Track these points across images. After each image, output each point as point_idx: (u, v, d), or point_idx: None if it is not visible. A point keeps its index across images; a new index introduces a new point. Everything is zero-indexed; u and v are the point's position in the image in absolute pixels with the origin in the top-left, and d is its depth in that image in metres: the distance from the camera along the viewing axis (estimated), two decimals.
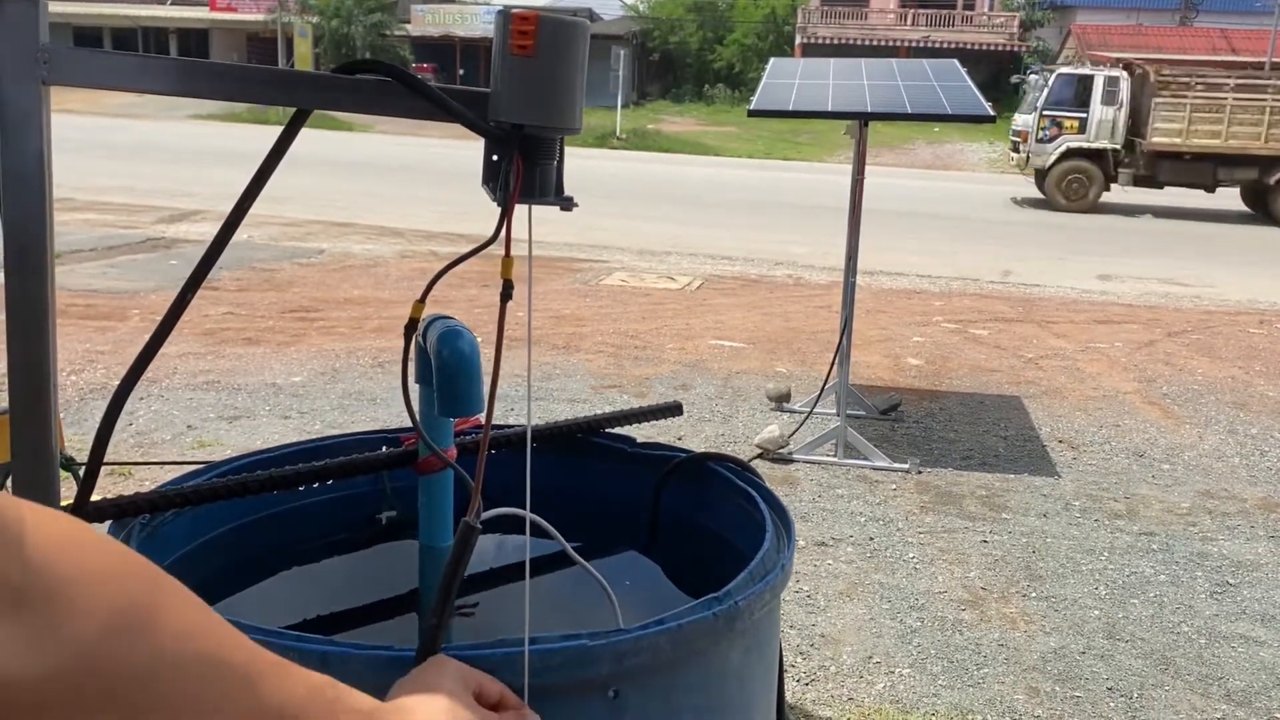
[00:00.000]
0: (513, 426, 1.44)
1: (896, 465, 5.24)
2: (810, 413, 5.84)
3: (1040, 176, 20.34)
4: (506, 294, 0.86)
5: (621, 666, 0.95)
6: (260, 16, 42.74)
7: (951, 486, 5.04)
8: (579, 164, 22.43)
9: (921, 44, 36.58)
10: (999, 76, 34.49)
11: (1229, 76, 20.11)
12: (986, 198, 21.91)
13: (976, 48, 37.06)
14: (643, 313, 8.87)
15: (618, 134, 30.76)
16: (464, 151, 25.24)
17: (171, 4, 46.42)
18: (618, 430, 1.48)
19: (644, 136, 31.62)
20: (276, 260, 10.76)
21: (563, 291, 9.63)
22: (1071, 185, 19.66)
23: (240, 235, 12.43)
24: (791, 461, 5.25)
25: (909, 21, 40.94)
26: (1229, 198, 20.84)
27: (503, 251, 0.87)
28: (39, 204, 0.87)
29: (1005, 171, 29.71)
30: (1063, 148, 19.46)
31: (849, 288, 5.51)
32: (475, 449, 1.44)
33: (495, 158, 0.90)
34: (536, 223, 0.91)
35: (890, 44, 37.22)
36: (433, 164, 22.22)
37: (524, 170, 0.86)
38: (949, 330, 8.86)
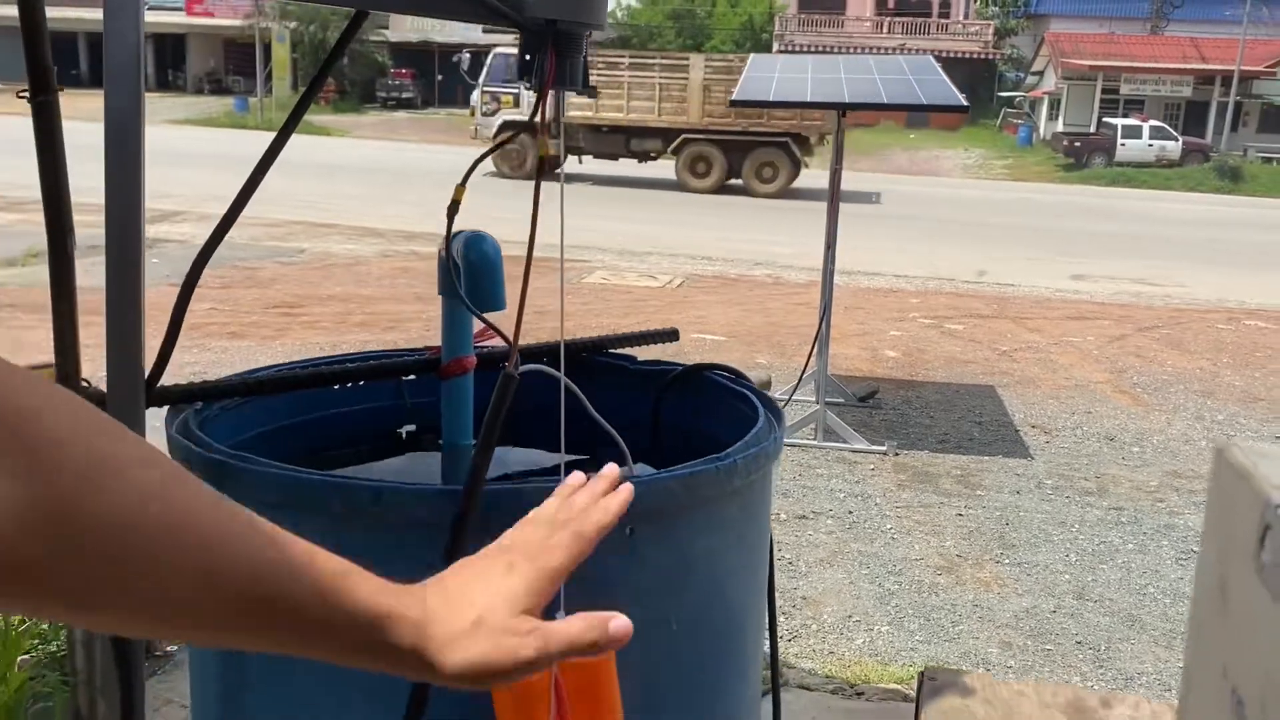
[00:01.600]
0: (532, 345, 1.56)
1: (874, 447, 5.38)
2: (789, 399, 5.96)
3: None
4: (542, 168, 0.98)
5: (637, 506, 1.06)
6: (237, 22, 42.63)
7: (928, 467, 5.18)
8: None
9: (897, 52, 36.91)
10: (974, 84, 34.86)
11: (623, 56, 21.76)
12: (961, 201, 22.16)
13: (952, 55, 37.44)
14: (625, 308, 8.99)
15: None
16: (444, 155, 25.30)
17: (148, 9, 46.18)
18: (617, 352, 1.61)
19: None
20: (258, 259, 10.82)
21: (545, 289, 9.59)
22: (512, 155, 21.01)
23: None
24: None
25: (885, 29, 41.34)
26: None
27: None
28: (135, 91, 0.99)
29: (981, 177, 30.07)
30: (500, 120, 20.82)
31: (828, 274, 5.64)
32: (497, 359, 1.56)
33: (528, 56, 1.02)
34: (515, 222, 1.03)
35: (866, 51, 37.54)
36: (412, 166, 22.28)
37: (556, 62, 0.98)
38: (925, 325, 9.02)
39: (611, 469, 0.82)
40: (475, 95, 21.83)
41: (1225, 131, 34.43)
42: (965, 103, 5.02)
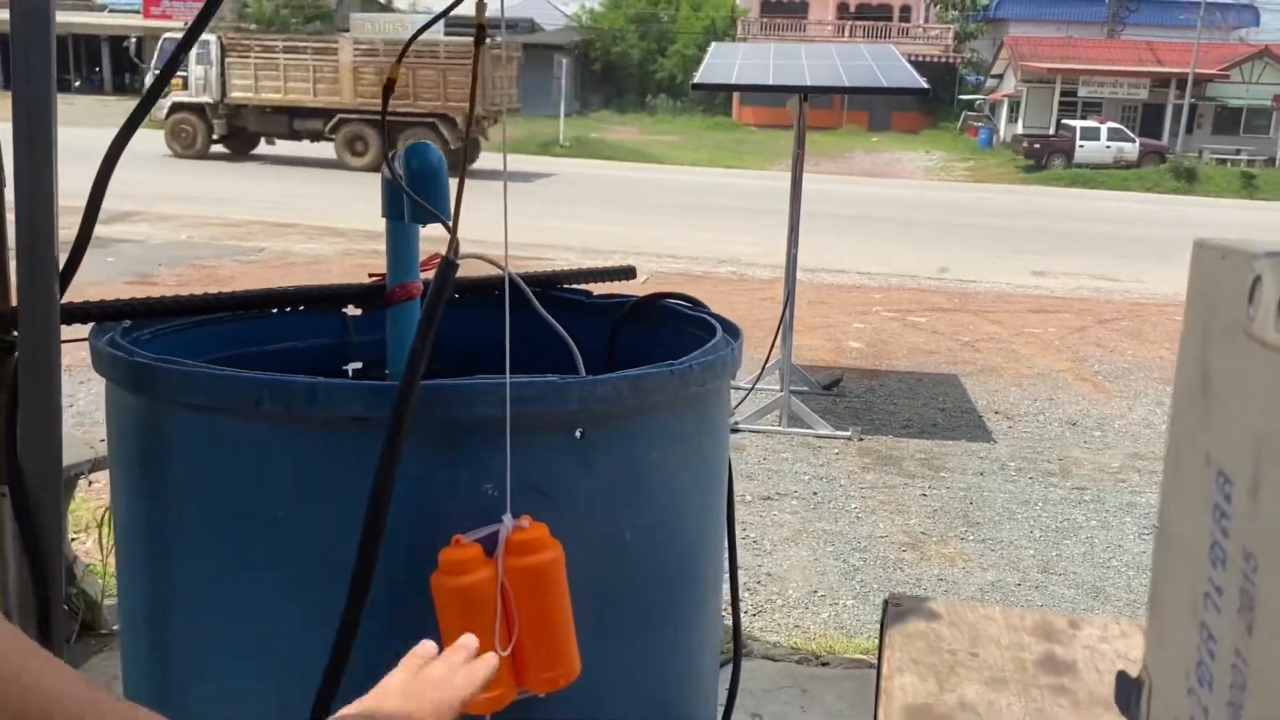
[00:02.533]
0: (480, 277, 1.51)
1: (839, 432, 5.36)
2: (753, 388, 5.95)
3: None
4: (480, 37, 0.94)
5: (588, 408, 1.02)
6: None
7: (892, 451, 5.17)
8: (521, 168, 22.52)
9: None
10: (935, 87, 35.05)
11: (278, 38, 22.80)
12: (922, 202, 22.33)
13: (913, 59, 37.76)
14: None
15: (561, 141, 30.84)
16: None
17: (106, 11, 45.66)
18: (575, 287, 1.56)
19: (587, 144, 31.70)
20: (216, 257, 10.68)
21: None
22: (182, 135, 21.89)
23: (179, 235, 12.27)
24: (737, 431, 5.35)
25: (846, 34, 41.63)
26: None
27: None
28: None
29: (942, 178, 30.32)
30: (171, 102, 21.63)
31: (791, 259, 5.63)
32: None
33: None
34: (476, 224, 1.01)
35: None
36: (374, 165, 22.13)
37: None
38: (888, 318, 9.05)
39: (469, 638, 0.78)
40: (148, 78, 22.55)
41: (1181, 133, 34.96)
42: (926, 84, 5.03)
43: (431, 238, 1.40)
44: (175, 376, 1.02)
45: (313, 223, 13.53)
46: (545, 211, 15.03)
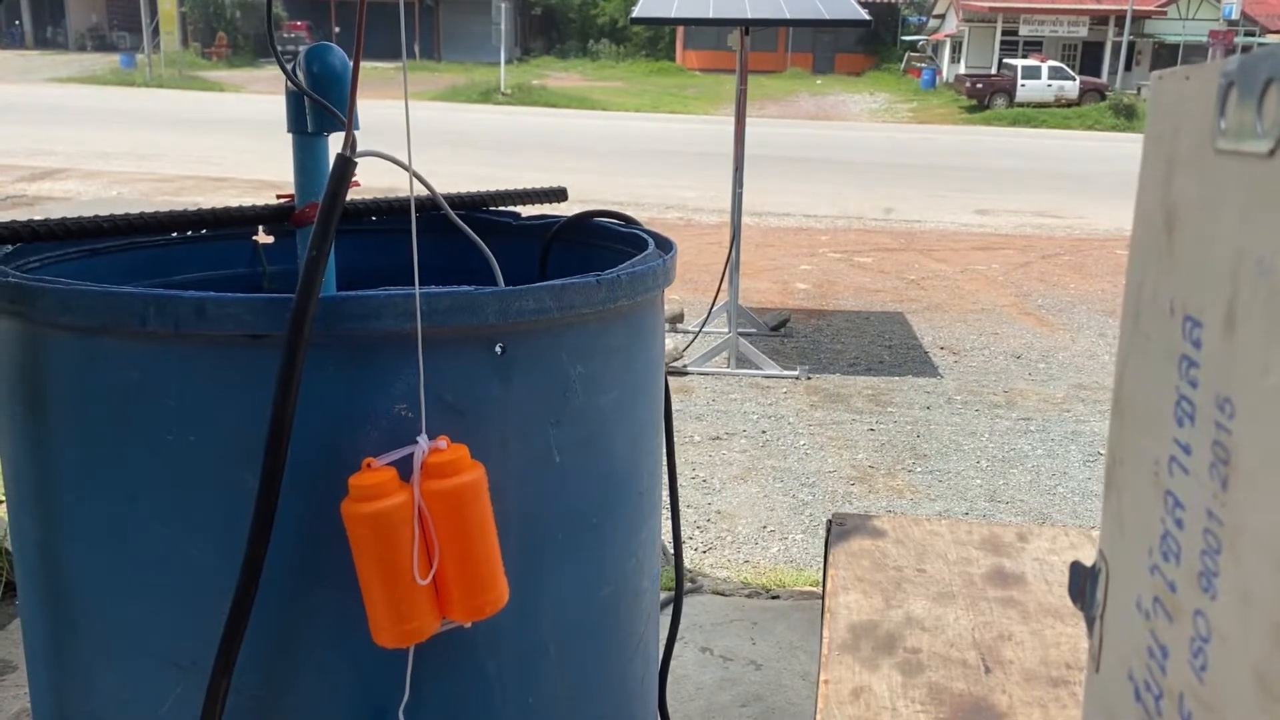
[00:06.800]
0: (399, 198, 1.43)
1: (786, 372, 5.35)
2: (700, 330, 5.91)
3: None
4: None
5: (508, 320, 0.96)
6: None
7: (839, 389, 5.17)
8: (463, 118, 22.18)
9: None
10: (878, 29, 35.02)
11: None
12: (867, 144, 22.34)
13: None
14: None
15: (502, 89, 30.37)
16: None
17: None
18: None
19: (529, 92, 31.27)
20: None
21: None
22: None
23: (109, 192, 11.92)
24: (686, 373, 5.32)
25: None
26: None
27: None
28: None
29: (886, 120, 30.35)
30: None
31: (736, 198, 5.57)
32: (359, 210, 1.43)
33: None
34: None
35: None
36: None
37: None
38: (835, 259, 9.05)
39: None
40: None
41: (1120, 71, 35.27)
42: (868, 16, 4.96)
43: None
44: (51, 296, 0.93)
45: (247, 177, 13.22)
46: (482, 159, 14.81)
